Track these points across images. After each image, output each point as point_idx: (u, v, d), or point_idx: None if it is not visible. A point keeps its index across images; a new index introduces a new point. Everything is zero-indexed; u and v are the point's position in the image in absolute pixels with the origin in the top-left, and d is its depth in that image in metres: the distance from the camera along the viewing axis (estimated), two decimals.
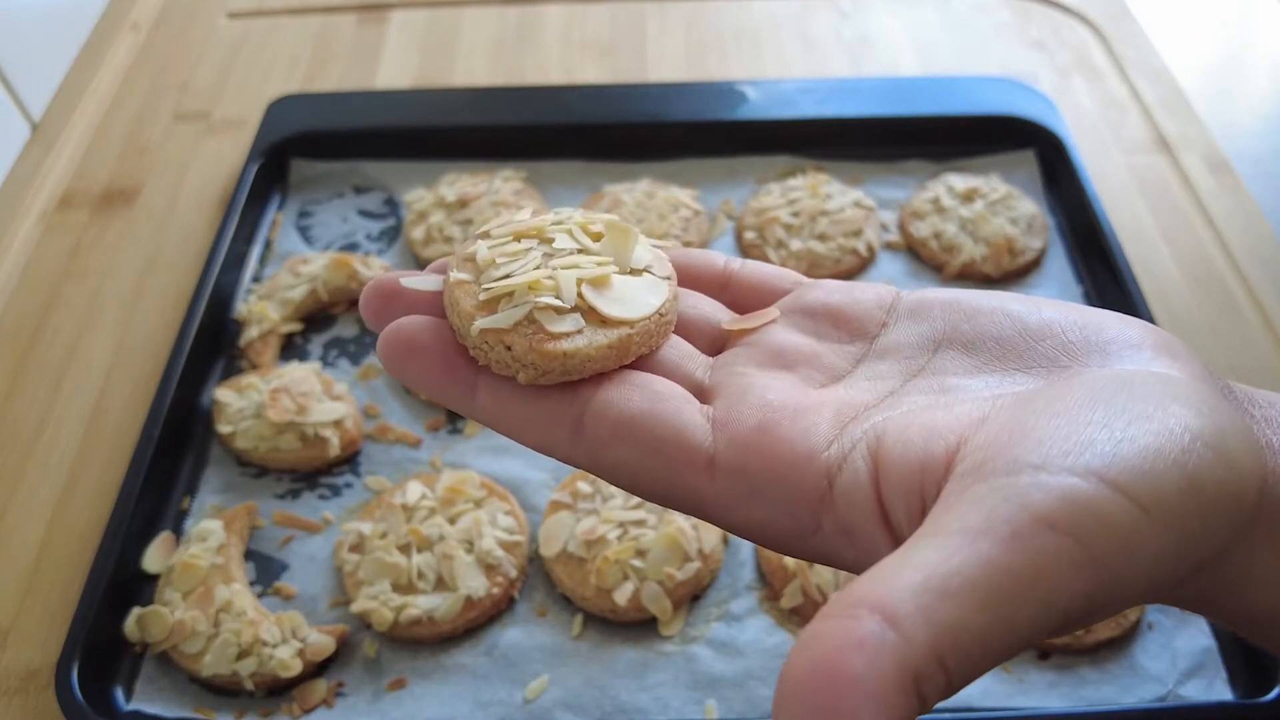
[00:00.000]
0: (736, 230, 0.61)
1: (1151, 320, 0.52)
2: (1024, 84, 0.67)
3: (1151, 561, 0.19)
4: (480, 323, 0.24)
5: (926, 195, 0.61)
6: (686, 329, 0.28)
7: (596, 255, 0.27)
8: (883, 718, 0.16)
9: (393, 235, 0.62)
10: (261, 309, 0.55)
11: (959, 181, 0.61)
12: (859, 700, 0.16)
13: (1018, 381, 0.23)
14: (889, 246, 0.61)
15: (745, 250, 0.59)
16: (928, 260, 0.59)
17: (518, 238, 0.27)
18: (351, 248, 0.61)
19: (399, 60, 0.74)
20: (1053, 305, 0.25)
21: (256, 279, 0.59)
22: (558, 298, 0.25)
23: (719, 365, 0.27)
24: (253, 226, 0.61)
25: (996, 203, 0.60)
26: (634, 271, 0.27)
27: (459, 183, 0.62)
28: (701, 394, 0.26)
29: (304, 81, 0.72)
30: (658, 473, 0.24)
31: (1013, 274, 0.58)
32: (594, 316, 0.25)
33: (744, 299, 0.29)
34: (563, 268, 0.26)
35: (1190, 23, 0.82)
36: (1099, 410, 0.20)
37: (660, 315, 0.26)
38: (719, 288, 0.30)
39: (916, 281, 0.58)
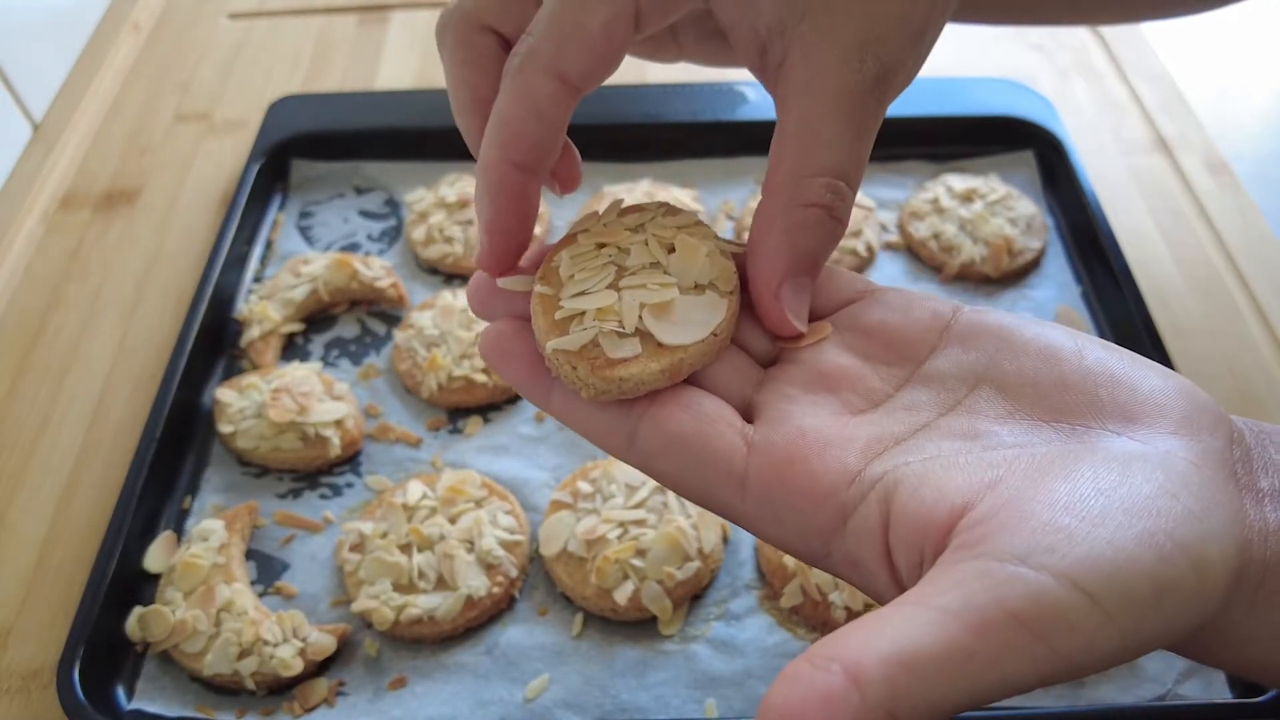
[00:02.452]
0: (736, 231, 0.61)
1: (1150, 322, 0.53)
2: (1023, 85, 0.67)
3: (1109, 654, 0.21)
4: (552, 343, 0.28)
5: (926, 196, 0.61)
6: (745, 338, 0.30)
7: (663, 275, 0.29)
8: None
9: (394, 235, 0.62)
10: (263, 309, 0.55)
11: (958, 182, 0.61)
12: None
13: (1041, 436, 0.25)
14: (888, 247, 0.61)
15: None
16: (927, 260, 0.59)
17: (599, 246, 0.30)
18: (352, 248, 0.61)
19: (400, 61, 0.74)
20: (1095, 350, 0.27)
21: (258, 279, 0.59)
22: (620, 324, 0.28)
23: (768, 382, 0.29)
24: (254, 227, 0.61)
25: (995, 203, 0.60)
26: (698, 287, 0.29)
27: (460, 183, 0.62)
28: (748, 410, 0.28)
29: (305, 82, 0.72)
30: (697, 486, 0.27)
31: (1011, 274, 0.58)
32: (652, 341, 0.28)
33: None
34: (630, 287, 0.28)
35: (1189, 24, 0.82)
36: (1095, 501, 0.22)
37: (714, 335, 0.28)
38: None
39: (915, 282, 0.59)
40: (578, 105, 0.30)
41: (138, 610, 0.44)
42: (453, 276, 0.59)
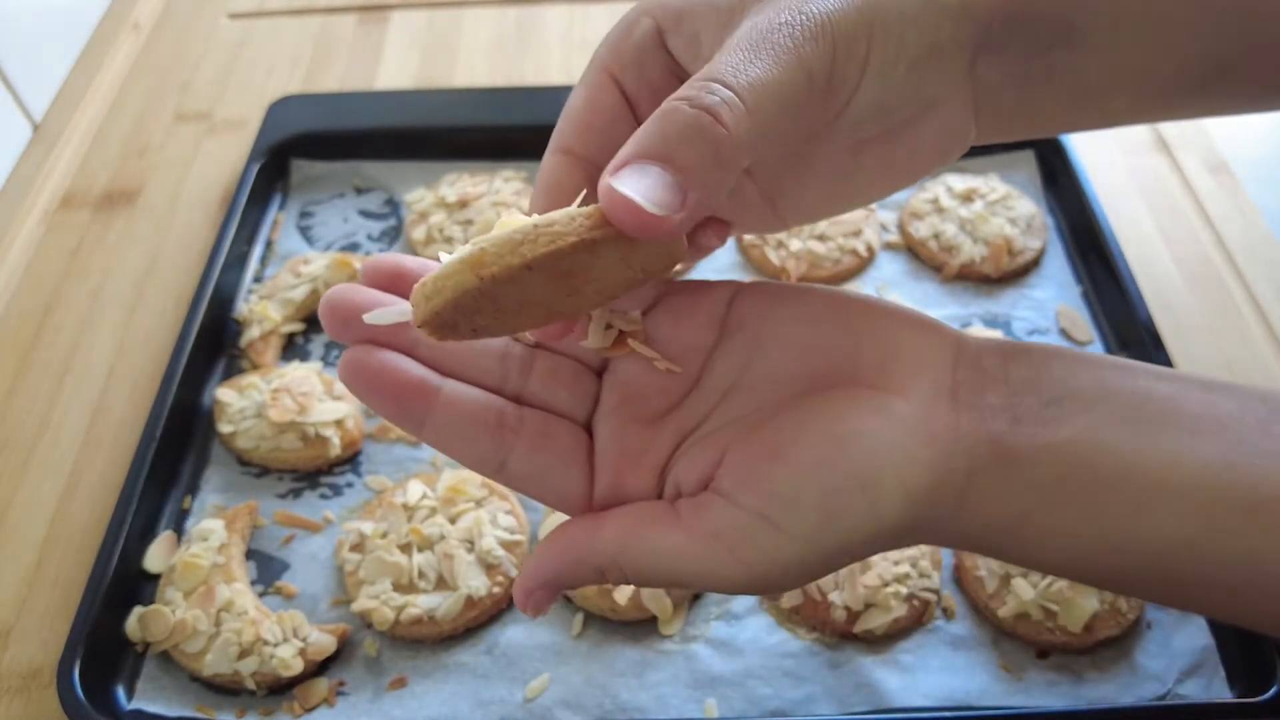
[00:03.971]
0: None
1: (1150, 321, 0.53)
2: None
3: (795, 565, 0.28)
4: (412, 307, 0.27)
5: (926, 195, 0.61)
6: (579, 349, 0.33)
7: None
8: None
9: (394, 235, 0.62)
10: (263, 309, 0.55)
11: (958, 181, 0.61)
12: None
13: (793, 390, 0.30)
14: (888, 247, 0.61)
15: (745, 250, 0.60)
16: (927, 260, 0.59)
17: None
18: (353, 248, 0.61)
19: (399, 61, 0.74)
20: (852, 308, 0.31)
21: (258, 279, 0.59)
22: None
23: (599, 418, 0.32)
24: (254, 227, 0.61)
25: (995, 203, 0.60)
26: None
27: (459, 183, 0.62)
28: (590, 425, 0.32)
29: (305, 82, 0.72)
30: (554, 503, 0.32)
31: (1011, 274, 0.58)
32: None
33: None
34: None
35: None
36: (790, 445, 0.28)
37: (536, 226, 0.26)
38: None
39: (916, 282, 0.59)
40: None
41: (138, 610, 0.44)
42: None
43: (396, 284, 0.31)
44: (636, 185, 0.25)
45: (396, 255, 0.32)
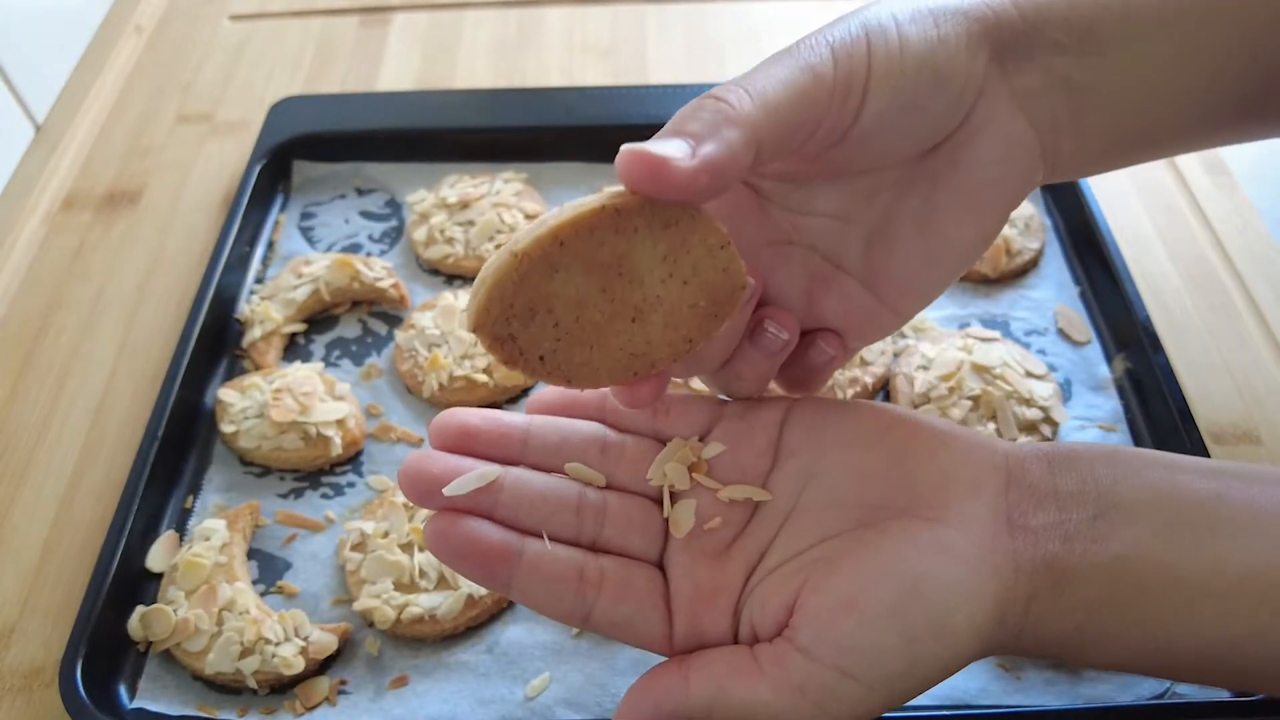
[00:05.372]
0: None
1: (1148, 321, 0.53)
2: None
3: (873, 710, 0.29)
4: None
5: None
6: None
7: None
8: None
9: (395, 236, 0.62)
10: (264, 309, 0.55)
11: None
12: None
13: (852, 518, 0.32)
14: None
15: None
16: None
17: None
18: (354, 249, 0.62)
19: (401, 62, 0.74)
20: (897, 436, 0.33)
21: (259, 280, 0.59)
22: None
23: (670, 555, 0.34)
24: (255, 228, 0.61)
25: None
26: None
27: (460, 184, 0.62)
28: (663, 564, 0.34)
29: (306, 83, 0.73)
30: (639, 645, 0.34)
31: (1010, 274, 0.58)
32: None
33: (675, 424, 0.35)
34: None
35: None
36: (865, 592, 0.29)
37: (513, 254, 0.27)
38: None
39: None
40: (580, 107, 0.31)
41: (140, 609, 0.44)
42: (454, 277, 0.60)
43: (466, 443, 0.33)
44: (651, 144, 0.28)
45: (461, 413, 0.33)
